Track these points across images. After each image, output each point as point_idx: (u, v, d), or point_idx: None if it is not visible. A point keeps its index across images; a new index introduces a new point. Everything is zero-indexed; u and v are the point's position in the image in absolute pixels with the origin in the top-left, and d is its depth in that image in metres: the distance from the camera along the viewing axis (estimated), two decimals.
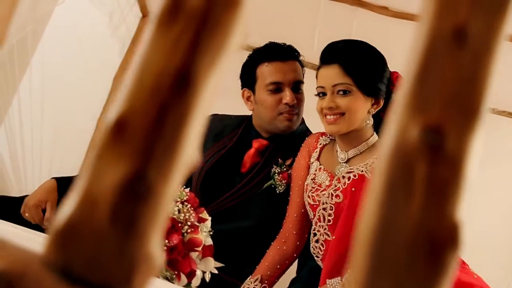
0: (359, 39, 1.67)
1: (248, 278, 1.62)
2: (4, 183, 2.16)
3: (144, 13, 2.78)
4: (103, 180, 0.32)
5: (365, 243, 0.30)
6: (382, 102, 1.60)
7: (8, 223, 1.47)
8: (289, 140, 1.80)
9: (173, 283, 1.02)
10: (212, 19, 0.34)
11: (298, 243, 1.66)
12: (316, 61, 2.00)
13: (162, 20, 0.34)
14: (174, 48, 0.33)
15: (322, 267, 1.57)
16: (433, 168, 0.30)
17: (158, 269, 0.32)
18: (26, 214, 1.66)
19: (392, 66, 1.67)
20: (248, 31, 0.37)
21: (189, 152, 0.34)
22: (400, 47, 2.28)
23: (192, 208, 1.09)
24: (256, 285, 1.59)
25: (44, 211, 1.66)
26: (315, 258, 1.61)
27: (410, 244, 0.29)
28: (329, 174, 1.60)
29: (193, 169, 0.52)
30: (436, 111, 0.30)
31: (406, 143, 0.30)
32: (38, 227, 1.64)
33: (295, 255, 1.66)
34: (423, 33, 0.32)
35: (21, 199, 1.76)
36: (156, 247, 0.32)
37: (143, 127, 0.33)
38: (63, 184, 1.71)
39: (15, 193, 2.14)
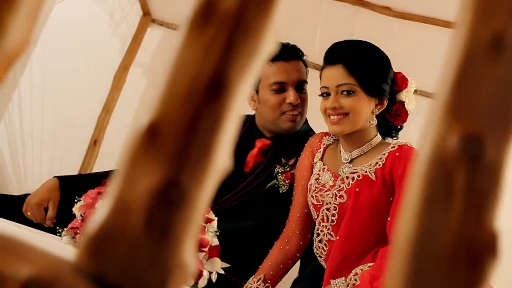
0: (362, 39, 1.67)
1: (251, 278, 1.62)
2: (4, 181, 2.15)
3: (145, 11, 2.77)
4: (136, 186, 0.32)
5: (404, 252, 0.30)
6: (385, 103, 1.60)
7: (11, 222, 1.47)
8: (292, 140, 1.79)
9: None
10: (245, 24, 0.34)
11: (301, 243, 1.66)
12: (318, 61, 1.99)
13: (194, 24, 0.34)
14: (207, 52, 0.33)
15: (325, 267, 1.57)
16: (472, 177, 0.30)
17: (191, 277, 0.32)
18: (28, 213, 1.65)
19: (394, 66, 1.67)
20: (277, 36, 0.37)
21: (222, 157, 0.33)
22: (402, 47, 2.29)
23: None
24: (259, 285, 1.59)
25: (46, 210, 1.66)
26: (318, 258, 1.61)
27: (450, 254, 0.29)
28: (333, 174, 1.60)
29: None
30: (475, 120, 0.30)
31: (444, 152, 0.30)
32: (40, 226, 1.63)
33: (298, 255, 1.66)
34: (460, 42, 0.32)
35: (21, 197, 1.75)
36: (189, 254, 0.32)
37: (177, 133, 0.32)
38: (65, 183, 1.70)
39: (15, 191, 2.13)
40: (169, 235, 0.31)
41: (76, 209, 1.14)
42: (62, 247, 1.06)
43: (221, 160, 0.33)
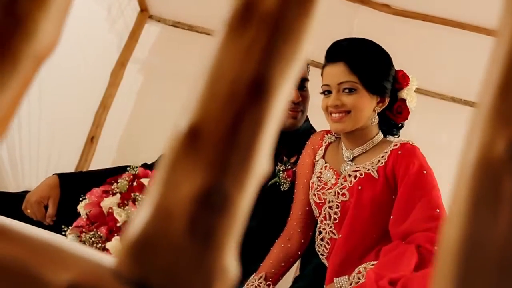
0: (364, 37, 1.67)
1: (252, 276, 1.62)
2: (1, 178, 2.13)
3: (142, 7, 2.75)
4: (177, 191, 0.31)
5: (451, 260, 0.29)
6: (387, 100, 1.60)
7: (10, 219, 1.45)
8: (294, 137, 1.79)
9: None
10: (285, 24, 0.33)
11: (302, 241, 1.66)
12: (317, 58, 1.99)
13: (233, 25, 0.34)
14: (248, 54, 0.33)
15: (327, 265, 1.57)
16: None
17: (233, 282, 0.32)
18: (28, 211, 1.64)
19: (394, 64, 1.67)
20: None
21: (262, 161, 0.33)
22: (401, 45, 2.29)
23: None
24: (261, 283, 1.59)
25: (46, 207, 1.65)
26: (320, 256, 1.61)
27: (499, 261, 0.29)
28: (335, 172, 1.60)
29: None
30: None
31: (491, 158, 0.30)
32: (41, 224, 1.62)
33: (299, 252, 1.66)
34: (503, 46, 0.32)
35: (21, 195, 1.74)
36: (232, 259, 0.32)
37: (218, 136, 0.32)
38: (65, 181, 1.69)
39: (12, 188, 2.12)
40: (212, 240, 0.31)
41: (81, 208, 1.13)
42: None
43: (262, 163, 0.33)
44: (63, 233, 1.18)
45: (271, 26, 0.33)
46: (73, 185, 1.64)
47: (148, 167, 1.47)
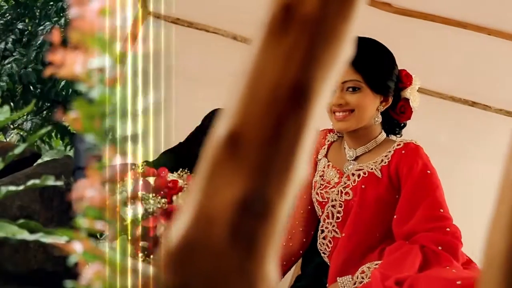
0: (366, 36, 1.66)
1: None
2: None
3: (142, 4, 2.73)
4: (218, 197, 0.31)
5: (497, 268, 0.29)
6: (390, 100, 1.59)
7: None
8: None
9: None
10: (326, 28, 0.33)
11: (304, 240, 1.66)
12: None
13: (273, 29, 0.33)
14: (289, 59, 0.32)
15: (329, 264, 1.56)
16: None
17: None
18: None
19: None
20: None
21: (303, 166, 0.33)
22: (402, 44, 2.29)
23: None
24: None
25: None
26: (322, 254, 1.61)
27: None
28: (338, 171, 1.60)
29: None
30: None
31: None
32: None
33: (301, 251, 1.66)
34: None
35: None
36: (273, 266, 0.31)
37: (259, 141, 0.31)
38: None
39: None
40: (254, 247, 0.31)
41: None
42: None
43: (302, 169, 0.33)
44: None
45: (311, 30, 0.33)
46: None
47: (150, 166, 1.46)
